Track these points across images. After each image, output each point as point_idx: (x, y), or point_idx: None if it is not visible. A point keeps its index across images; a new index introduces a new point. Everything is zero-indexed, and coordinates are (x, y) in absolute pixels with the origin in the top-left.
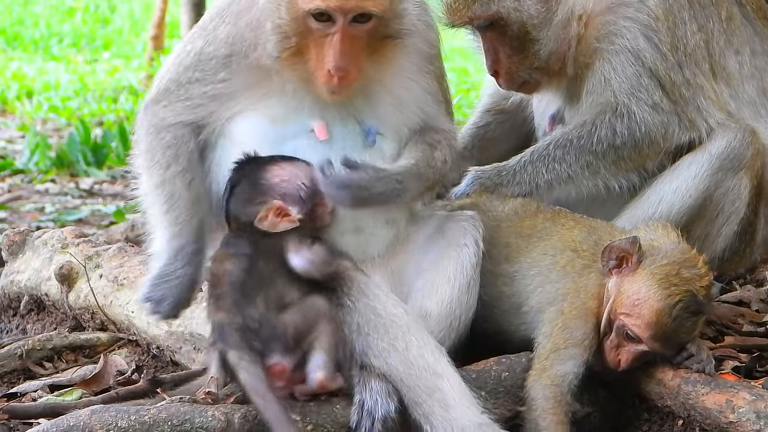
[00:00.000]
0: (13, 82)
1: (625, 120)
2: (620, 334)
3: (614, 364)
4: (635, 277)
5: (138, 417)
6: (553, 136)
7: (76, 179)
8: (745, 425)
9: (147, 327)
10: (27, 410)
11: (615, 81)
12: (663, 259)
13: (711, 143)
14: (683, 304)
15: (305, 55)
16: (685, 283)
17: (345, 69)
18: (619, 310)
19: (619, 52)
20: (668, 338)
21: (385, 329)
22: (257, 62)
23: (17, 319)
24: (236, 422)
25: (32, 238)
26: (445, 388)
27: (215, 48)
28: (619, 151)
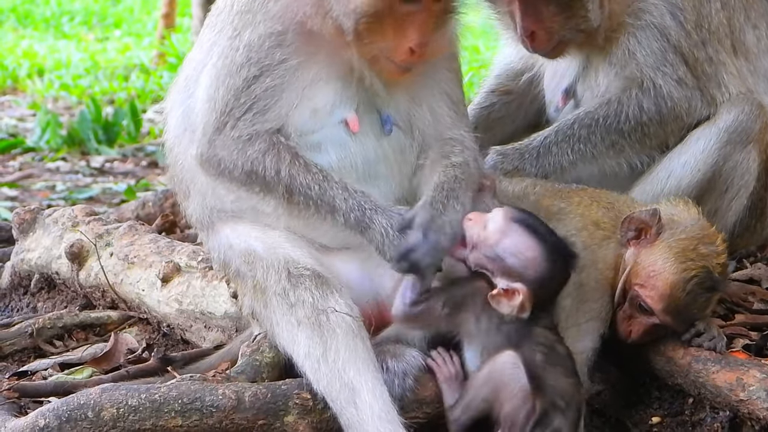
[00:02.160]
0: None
1: (652, 95)
2: (633, 305)
3: (625, 335)
4: (652, 249)
5: (148, 395)
6: (577, 115)
7: (87, 157)
8: (755, 403)
9: (157, 305)
10: (37, 388)
11: (640, 54)
12: (682, 233)
13: (719, 117)
14: (698, 279)
15: (379, 33)
16: (701, 259)
17: (424, 45)
18: (634, 281)
19: (645, 28)
20: (680, 312)
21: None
22: (313, 34)
23: (27, 298)
24: (247, 400)
25: (43, 217)
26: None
27: (267, 27)
28: (645, 128)
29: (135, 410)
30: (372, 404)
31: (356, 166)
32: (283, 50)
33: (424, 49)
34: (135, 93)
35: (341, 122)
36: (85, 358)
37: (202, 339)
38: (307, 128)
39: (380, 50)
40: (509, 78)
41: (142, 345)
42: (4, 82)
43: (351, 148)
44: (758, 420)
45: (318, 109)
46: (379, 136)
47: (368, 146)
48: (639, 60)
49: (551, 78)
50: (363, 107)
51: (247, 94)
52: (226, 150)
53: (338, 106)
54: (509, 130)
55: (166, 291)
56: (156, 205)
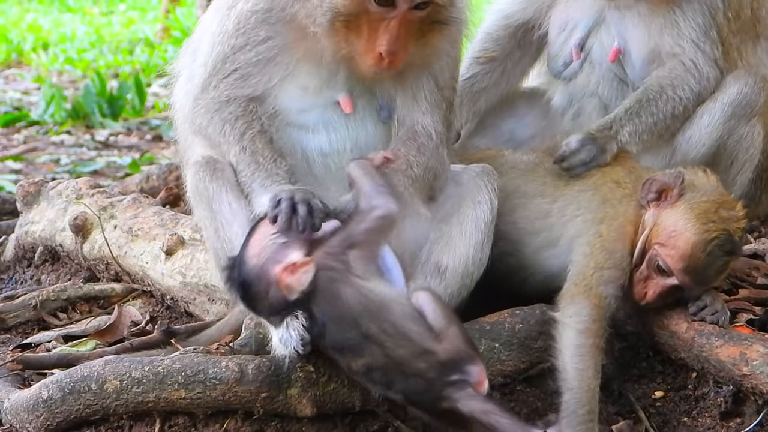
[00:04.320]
0: (29, 33)
1: (696, 76)
2: (651, 265)
3: (640, 297)
4: (674, 210)
5: (152, 367)
6: (644, 92)
7: (91, 131)
8: (759, 378)
9: (161, 278)
10: (41, 361)
11: (684, 25)
12: (702, 196)
13: (722, 92)
14: (719, 241)
15: (353, 33)
16: (722, 222)
17: (396, 53)
18: (654, 240)
19: (693, 2)
20: (699, 273)
21: None
22: (296, 20)
23: (31, 270)
24: (250, 373)
25: (47, 189)
26: None
27: (254, 3)
28: (687, 109)
29: (138, 382)
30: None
31: (348, 149)
32: (269, 28)
33: (394, 58)
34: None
35: (334, 103)
36: (89, 331)
37: (206, 312)
38: (297, 106)
39: (351, 51)
40: (496, 41)
41: (146, 317)
42: (9, 55)
43: (342, 131)
44: (761, 394)
45: (307, 87)
46: (375, 121)
47: (362, 130)
48: (682, 30)
49: (559, 31)
50: (358, 90)
51: (232, 60)
52: (206, 107)
53: (327, 87)
54: (493, 99)
55: (170, 264)
56: (160, 179)
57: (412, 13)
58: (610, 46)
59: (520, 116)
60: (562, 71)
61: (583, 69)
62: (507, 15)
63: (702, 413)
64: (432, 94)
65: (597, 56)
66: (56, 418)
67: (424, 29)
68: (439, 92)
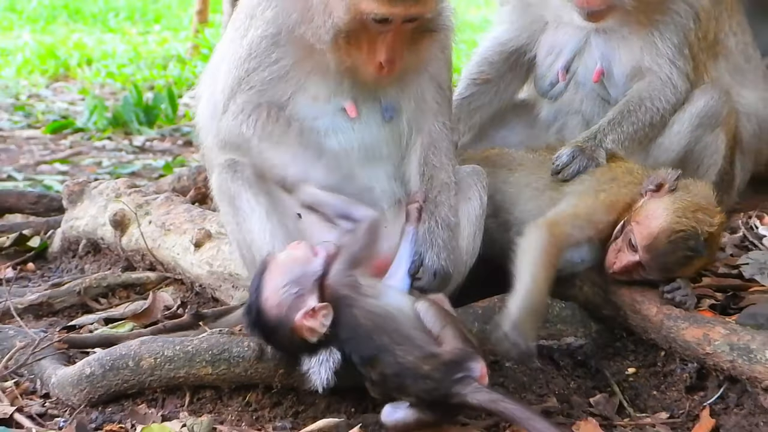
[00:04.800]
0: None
1: (670, 87)
2: (625, 239)
3: (609, 265)
4: (660, 200)
5: (182, 347)
6: (620, 116)
7: (129, 137)
8: (720, 356)
9: (191, 267)
10: (84, 340)
11: (662, 45)
12: (688, 196)
13: (691, 104)
14: (684, 234)
15: (355, 47)
16: (695, 221)
17: (394, 61)
18: (634, 219)
19: (670, 24)
20: (658, 256)
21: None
22: (303, 39)
23: (76, 260)
24: (268, 351)
25: (90, 188)
26: None
27: (263, 30)
28: (664, 117)
29: (170, 360)
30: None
31: (355, 149)
32: (279, 50)
33: (392, 65)
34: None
35: (341, 110)
36: (127, 314)
37: (230, 297)
38: (311, 114)
39: (353, 62)
40: (491, 64)
41: (177, 302)
42: (57, 70)
43: (349, 133)
44: (722, 371)
45: (317, 97)
46: (380, 122)
47: (367, 132)
48: (659, 49)
49: (546, 55)
50: (362, 96)
51: (247, 81)
52: (229, 120)
53: (335, 95)
54: (487, 114)
55: (199, 255)
56: (190, 179)
57: (405, 25)
58: (593, 67)
59: (511, 126)
60: (549, 90)
61: (568, 89)
62: (502, 42)
63: (669, 387)
64: (436, 94)
65: (581, 77)
66: (97, 391)
67: (416, 38)
68: (443, 92)
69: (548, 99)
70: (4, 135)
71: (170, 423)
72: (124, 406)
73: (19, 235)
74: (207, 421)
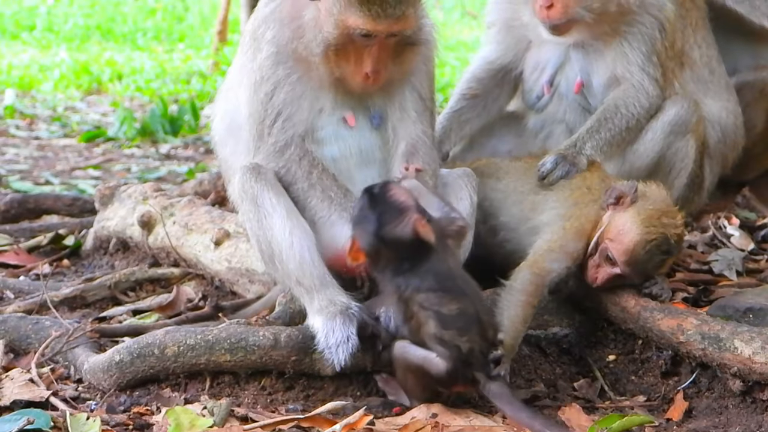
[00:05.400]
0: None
1: (642, 93)
2: (602, 255)
3: (591, 280)
4: (625, 213)
5: (203, 336)
6: (598, 123)
7: (156, 145)
8: (692, 344)
9: (211, 264)
10: (114, 330)
11: (632, 54)
12: (650, 205)
13: (663, 113)
14: (657, 242)
15: (344, 59)
16: (663, 227)
17: (379, 72)
18: (606, 236)
19: (638, 34)
20: (638, 266)
21: None
22: (298, 53)
23: (107, 257)
24: (282, 340)
25: (119, 192)
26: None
27: (267, 50)
28: (640, 121)
29: (192, 348)
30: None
31: (353, 155)
32: (284, 66)
33: (377, 76)
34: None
35: (341, 119)
36: (153, 306)
37: (247, 291)
38: (316, 126)
39: (342, 73)
40: (479, 81)
41: (199, 296)
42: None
43: (349, 140)
44: (694, 358)
45: (323, 109)
46: (370, 129)
47: (362, 138)
48: (630, 59)
49: (532, 71)
50: (357, 106)
51: (271, 106)
52: (266, 153)
53: (336, 107)
54: (476, 127)
55: (218, 252)
56: (210, 183)
57: (388, 39)
58: (574, 80)
59: (501, 136)
60: (536, 103)
61: (553, 101)
62: (489, 61)
63: (646, 373)
64: (417, 104)
65: (564, 89)
66: (126, 377)
67: (399, 50)
68: (423, 102)
69: (535, 111)
70: (43, 143)
71: (192, 405)
72: (150, 390)
73: (55, 234)
74: (225, 403)
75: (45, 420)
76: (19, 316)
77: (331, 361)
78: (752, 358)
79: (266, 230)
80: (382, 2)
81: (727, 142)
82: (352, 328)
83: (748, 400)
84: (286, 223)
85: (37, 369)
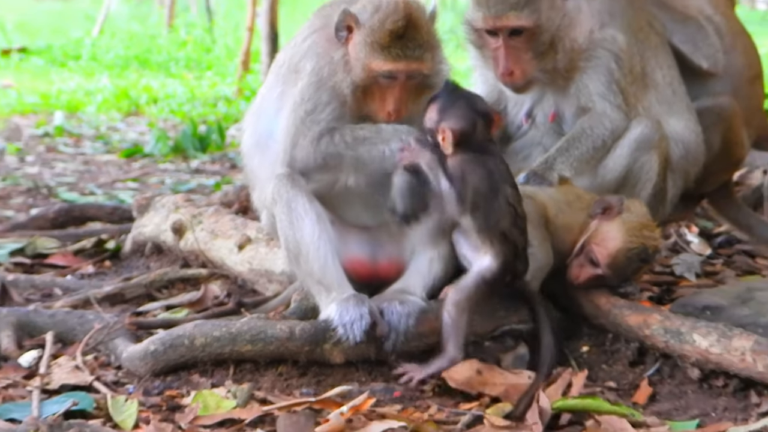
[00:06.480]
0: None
1: (605, 118)
2: (587, 257)
3: (574, 278)
4: (612, 223)
5: (227, 329)
6: (567, 144)
7: (187, 161)
8: (656, 338)
9: (234, 265)
10: (149, 323)
11: (592, 86)
12: (634, 217)
13: (629, 132)
14: (637, 251)
15: (370, 98)
16: (643, 238)
17: (399, 110)
18: (592, 241)
19: (595, 67)
20: (618, 270)
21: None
22: (336, 88)
23: (143, 259)
24: (297, 333)
25: (154, 202)
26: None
27: (309, 78)
28: (605, 143)
29: (218, 339)
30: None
31: (376, 182)
32: (325, 94)
33: (398, 114)
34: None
35: None
36: (183, 302)
37: (266, 289)
38: None
39: (368, 110)
40: None
41: (224, 293)
42: (129, 107)
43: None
44: (658, 349)
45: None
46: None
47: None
48: (591, 90)
49: (513, 106)
50: None
51: (311, 119)
52: (304, 151)
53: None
54: None
55: (241, 255)
56: (234, 195)
57: (409, 81)
58: (549, 111)
59: None
60: (516, 132)
61: (531, 129)
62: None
63: (616, 362)
64: None
65: (540, 119)
66: (159, 364)
67: (418, 91)
68: None
69: (516, 137)
70: (87, 159)
71: (217, 389)
72: (181, 376)
73: (98, 239)
74: (247, 388)
75: (88, 402)
76: (66, 310)
77: (347, 337)
78: (708, 349)
79: (296, 231)
80: (403, 47)
81: (689, 159)
82: (364, 308)
83: (705, 386)
84: (315, 227)
85: (82, 357)
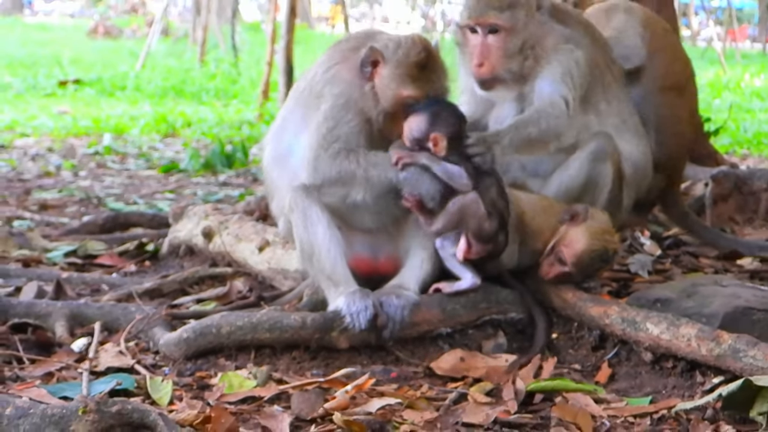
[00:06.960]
0: (179, 117)
1: (548, 117)
2: (556, 257)
3: (544, 274)
4: (578, 228)
5: (249, 319)
6: (517, 123)
7: (216, 176)
8: (614, 326)
9: (255, 265)
10: (183, 314)
11: (545, 92)
12: (597, 224)
13: (587, 145)
14: (599, 252)
15: (394, 122)
16: (604, 242)
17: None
18: (561, 243)
19: (553, 62)
20: (582, 268)
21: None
22: (363, 111)
23: (178, 260)
24: (308, 323)
25: (188, 210)
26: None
27: (334, 101)
28: (544, 135)
29: (241, 328)
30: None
31: (391, 200)
32: (350, 113)
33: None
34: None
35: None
36: (212, 296)
37: (282, 285)
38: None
39: (392, 133)
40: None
41: (247, 288)
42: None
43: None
44: (616, 336)
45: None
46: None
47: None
48: (544, 95)
49: (494, 123)
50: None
51: (331, 135)
52: (324, 163)
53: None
54: None
55: (261, 256)
56: (256, 204)
57: None
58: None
59: None
60: None
61: None
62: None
63: (580, 347)
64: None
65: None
66: (191, 349)
67: None
68: None
69: None
70: (131, 174)
71: (241, 371)
72: (209, 360)
73: (139, 242)
74: (266, 369)
75: (130, 382)
76: (112, 303)
77: (353, 325)
78: (659, 336)
79: (311, 235)
80: (428, 74)
81: (638, 174)
82: (368, 301)
83: (657, 368)
84: (326, 232)
85: (125, 343)
